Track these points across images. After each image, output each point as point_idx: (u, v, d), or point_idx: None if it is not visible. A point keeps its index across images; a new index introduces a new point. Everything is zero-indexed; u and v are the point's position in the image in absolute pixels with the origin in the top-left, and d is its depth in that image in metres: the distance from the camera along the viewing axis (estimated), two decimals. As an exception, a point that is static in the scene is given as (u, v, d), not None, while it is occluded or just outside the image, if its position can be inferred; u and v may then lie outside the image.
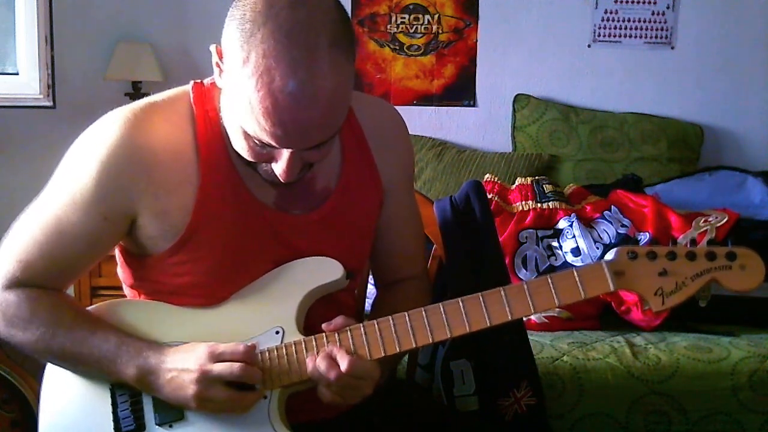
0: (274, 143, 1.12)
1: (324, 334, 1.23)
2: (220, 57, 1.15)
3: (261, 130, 1.11)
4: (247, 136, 1.15)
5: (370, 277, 1.55)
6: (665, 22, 3.48)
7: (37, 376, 1.33)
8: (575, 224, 2.52)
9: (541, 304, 1.21)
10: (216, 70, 1.19)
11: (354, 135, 1.35)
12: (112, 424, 1.25)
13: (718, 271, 1.17)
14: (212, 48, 1.17)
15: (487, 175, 2.83)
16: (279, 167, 1.16)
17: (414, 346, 1.22)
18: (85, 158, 1.22)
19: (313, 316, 1.28)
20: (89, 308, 1.32)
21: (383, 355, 1.22)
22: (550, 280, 1.20)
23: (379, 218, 1.40)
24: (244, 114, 1.11)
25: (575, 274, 1.20)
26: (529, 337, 1.71)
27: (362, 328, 1.23)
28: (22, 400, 1.95)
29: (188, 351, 1.21)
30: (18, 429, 1.97)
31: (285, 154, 1.14)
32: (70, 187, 1.23)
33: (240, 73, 1.09)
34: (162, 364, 1.21)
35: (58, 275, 1.28)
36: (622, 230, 2.50)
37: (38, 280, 1.27)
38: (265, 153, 1.16)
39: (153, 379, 1.22)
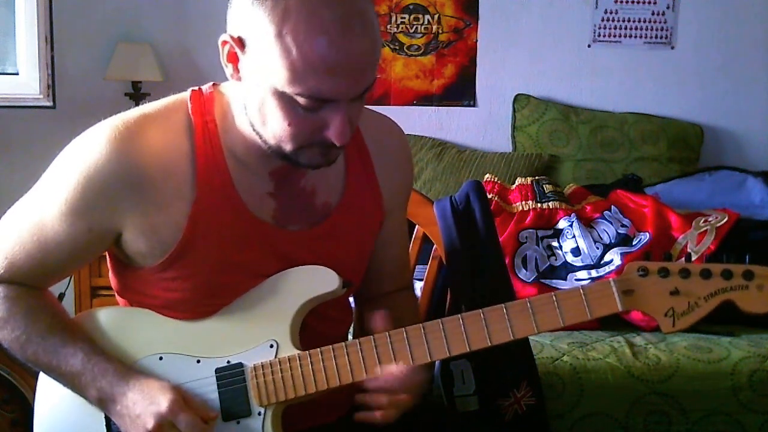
0: (332, 90, 1.08)
1: (320, 349, 1.21)
2: (238, 42, 1.11)
3: (318, 78, 1.06)
4: (292, 108, 1.10)
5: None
6: (665, 22, 3.48)
7: (36, 376, 1.33)
8: (575, 224, 2.52)
9: (545, 323, 1.16)
10: (229, 65, 1.14)
11: (359, 154, 1.32)
12: (104, 422, 1.25)
13: (733, 291, 1.11)
14: (224, 38, 1.12)
15: (487, 175, 2.82)
16: (334, 127, 1.11)
17: (411, 363, 1.19)
18: (74, 168, 1.18)
19: (304, 329, 1.25)
20: (80, 314, 1.30)
21: (380, 373, 1.19)
22: (554, 298, 1.16)
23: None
24: (292, 76, 1.07)
25: (581, 292, 1.15)
26: (529, 337, 1.71)
27: (358, 345, 1.20)
28: (22, 400, 1.95)
29: (151, 394, 1.18)
30: (18, 429, 1.97)
31: (338, 111, 1.10)
32: (57, 195, 1.20)
33: (280, 32, 1.06)
34: (122, 396, 1.20)
35: (41, 275, 1.27)
36: (622, 230, 2.50)
37: (21, 278, 1.26)
38: (314, 120, 1.11)
39: (111, 406, 1.21)
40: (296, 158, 1.16)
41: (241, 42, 1.11)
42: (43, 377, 1.31)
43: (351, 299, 1.46)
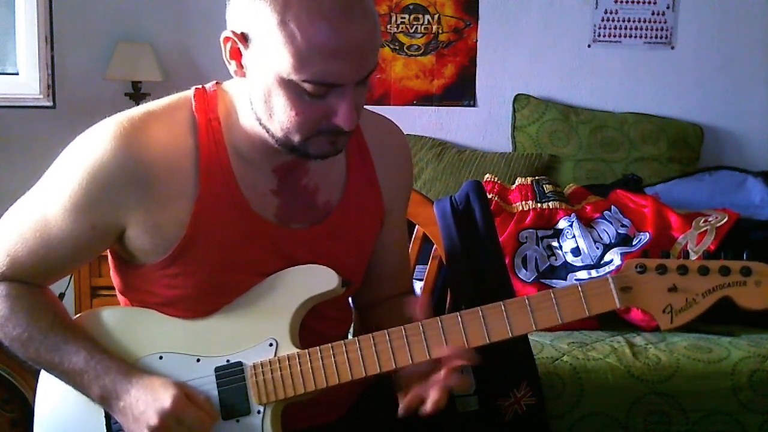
0: (337, 74, 1.09)
1: (319, 347, 1.21)
2: (241, 38, 1.12)
3: (323, 62, 1.08)
4: (298, 97, 1.11)
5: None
6: (665, 22, 3.48)
7: (36, 376, 1.33)
8: (575, 224, 2.52)
9: (544, 321, 1.16)
10: (232, 62, 1.15)
11: (360, 153, 1.33)
12: (104, 421, 1.25)
13: (731, 288, 1.11)
14: (226, 35, 1.14)
15: (487, 175, 2.83)
16: (341, 112, 1.12)
17: (410, 362, 1.19)
18: (78, 165, 1.19)
19: (304, 329, 1.25)
20: (81, 314, 1.30)
21: (379, 371, 1.19)
22: (553, 296, 1.16)
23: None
24: (297, 62, 1.08)
25: (579, 289, 1.15)
26: (529, 337, 1.71)
27: (357, 344, 1.20)
28: (22, 400, 1.95)
29: (155, 391, 1.18)
30: (18, 429, 1.98)
31: (344, 96, 1.11)
32: (61, 191, 1.20)
33: (282, 20, 1.07)
34: (125, 393, 1.20)
35: (44, 273, 1.27)
36: (622, 230, 2.50)
37: (23, 275, 1.25)
38: (321, 107, 1.12)
39: (114, 403, 1.21)
40: (305, 149, 1.17)
41: (243, 37, 1.12)
42: (43, 377, 1.31)
43: (351, 301, 1.47)
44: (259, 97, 1.15)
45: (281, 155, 1.21)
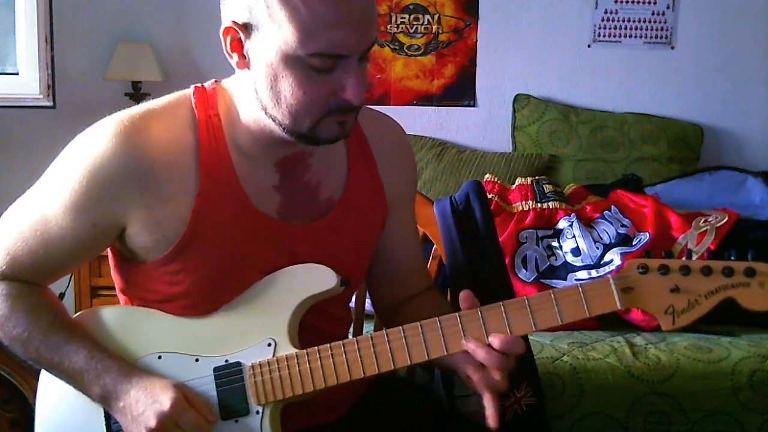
0: (342, 43, 1.10)
1: (317, 347, 1.20)
2: (242, 27, 1.13)
3: (328, 32, 1.09)
4: (306, 75, 1.11)
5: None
6: (665, 22, 3.48)
7: (36, 376, 1.33)
8: (575, 224, 2.52)
9: (543, 321, 1.15)
10: (234, 54, 1.16)
11: (361, 149, 1.33)
12: (103, 421, 1.25)
13: (735, 289, 1.09)
14: (226, 26, 1.14)
15: (487, 175, 2.83)
16: (349, 86, 1.13)
17: (408, 363, 1.19)
18: (78, 163, 1.19)
19: (304, 328, 1.25)
20: (80, 313, 1.30)
21: (377, 372, 1.19)
22: (553, 296, 1.15)
23: (383, 235, 1.37)
24: (303, 35, 1.09)
25: (580, 290, 1.14)
26: (529, 337, 1.71)
27: (356, 344, 1.19)
28: (22, 400, 1.95)
29: (154, 392, 1.18)
30: (18, 429, 1.98)
31: (350, 69, 1.12)
32: (61, 190, 1.20)
33: (283, 2, 1.08)
34: (125, 394, 1.20)
35: (44, 272, 1.27)
36: (622, 230, 2.50)
37: (23, 275, 1.25)
38: (329, 83, 1.12)
39: (114, 403, 1.21)
40: (314, 134, 1.16)
41: (245, 25, 1.13)
42: (44, 377, 1.31)
43: (372, 307, 1.46)
44: (265, 84, 1.14)
45: (284, 149, 1.21)
